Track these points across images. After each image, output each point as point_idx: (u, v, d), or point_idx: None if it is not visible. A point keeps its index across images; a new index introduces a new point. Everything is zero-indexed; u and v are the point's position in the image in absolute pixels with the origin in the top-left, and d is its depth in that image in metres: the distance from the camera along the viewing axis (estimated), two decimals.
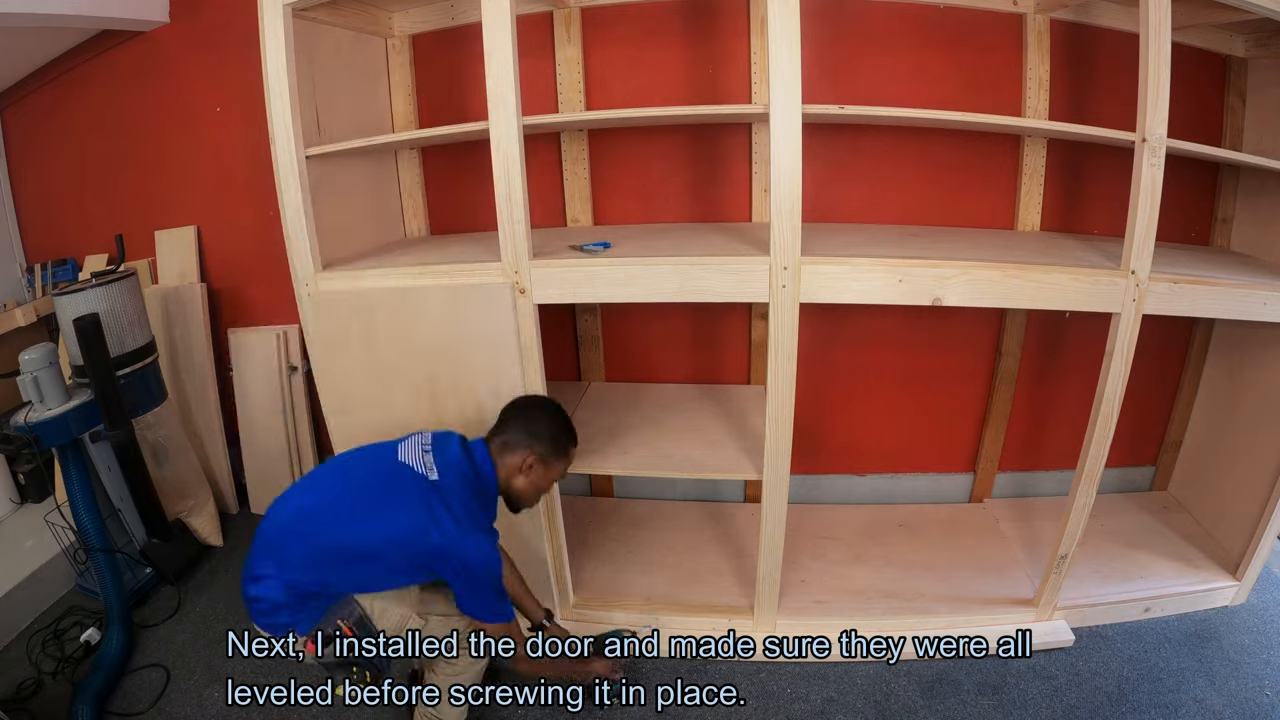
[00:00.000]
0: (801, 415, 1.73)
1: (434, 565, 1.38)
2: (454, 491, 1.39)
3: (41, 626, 2.15)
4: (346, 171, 2.02)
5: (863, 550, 2.28)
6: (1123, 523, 2.36)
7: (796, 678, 1.88)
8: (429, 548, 1.35)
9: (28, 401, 1.94)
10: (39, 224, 3.03)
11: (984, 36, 2.08)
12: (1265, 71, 2.05)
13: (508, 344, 1.71)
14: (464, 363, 1.77)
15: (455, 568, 1.37)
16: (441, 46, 2.22)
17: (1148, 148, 1.51)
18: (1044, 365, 2.41)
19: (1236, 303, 1.69)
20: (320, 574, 1.38)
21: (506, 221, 1.63)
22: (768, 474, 1.78)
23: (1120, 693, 1.80)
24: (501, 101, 1.55)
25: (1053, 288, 1.62)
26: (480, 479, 1.45)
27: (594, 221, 2.31)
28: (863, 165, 2.22)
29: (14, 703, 1.86)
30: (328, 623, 1.40)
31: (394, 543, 1.36)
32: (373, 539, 1.36)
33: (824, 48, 2.04)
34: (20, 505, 2.59)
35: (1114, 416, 1.72)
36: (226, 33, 2.32)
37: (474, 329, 1.72)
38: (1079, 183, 2.19)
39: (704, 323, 2.44)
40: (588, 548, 2.32)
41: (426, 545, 1.35)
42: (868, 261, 1.62)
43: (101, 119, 2.68)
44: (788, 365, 1.66)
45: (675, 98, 2.17)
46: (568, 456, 1.57)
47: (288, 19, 1.65)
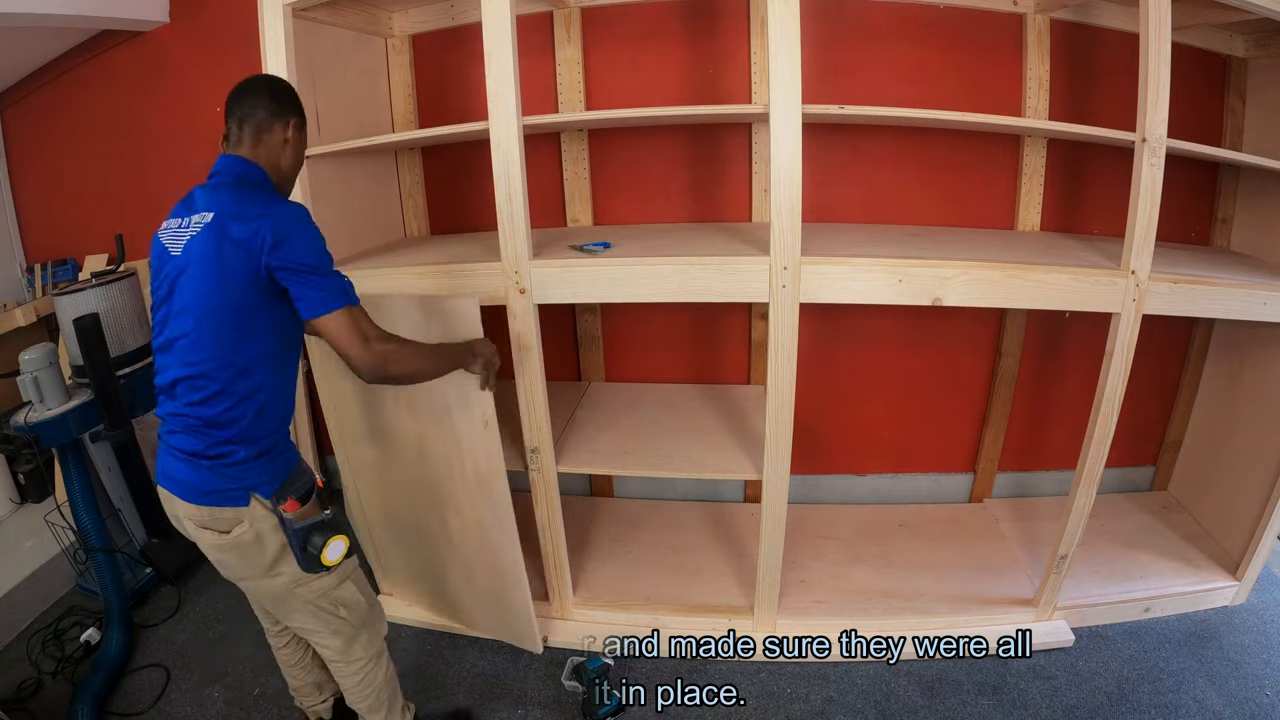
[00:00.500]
0: (801, 415, 1.73)
1: (269, 261, 1.18)
2: (235, 199, 1.23)
3: (41, 626, 2.15)
4: (347, 171, 2.02)
5: (863, 550, 2.28)
6: (1123, 523, 2.36)
7: (796, 678, 1.88)
8: (256, 243, 1.17)
9: (28, 401, 1.94)
10: (39, 224, 3.03)
11: (984, 36, 2.08)
12: (1265, 71, 2.05)
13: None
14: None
15: (288, 247, 1.18)
16: (441, 46, 2.22)
17: (1148, 148, 1.51)
18: (1044, 365, 2.41)
19: (1236, 303, 1.69)
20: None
21: (506, 221, 1.63)
22: (768, 474, 1.78)
23: (1120, 693, 1.80)
24: (501, 101, 1.55)
25: (1053, 288, 1.62)
26: (248, 182, 1.28)
27: (594, 221, 2.32)
28: (862, 165, 2.22)
29: (14, 703, 1.87)
30: (297, 478, 1.32)
31: (237, 276, 1.19)
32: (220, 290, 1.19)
33: (824, 48, 2.04)
34: (20, 505, 2.60)
35: (1114, 416, 1.72)
36: (226, 33, 2.33)
37: (447, 336, 1.62)
38: (1079, 183, 2.19)
39: (704, 323, 2.44)
40: (588, 548, 2.32)
41: (253, 243, 1.17)
42: (867, 261, 1.62)
43: (102, 119, 2.68)
44: (788, 365, 1.66)
45: (675, 98, 2.17)
46: (306, 121, 1.42)
47: (288, 19, 1.65)
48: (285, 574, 1.32)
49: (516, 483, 2.73)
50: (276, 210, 1.22)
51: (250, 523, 1.26)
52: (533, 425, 1.81)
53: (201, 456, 1.24)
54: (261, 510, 1.27)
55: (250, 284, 1.20)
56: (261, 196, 1.26)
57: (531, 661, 1.96)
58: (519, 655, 1.99)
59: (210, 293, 1.20)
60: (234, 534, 1.26)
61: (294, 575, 1.32)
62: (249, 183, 1.28)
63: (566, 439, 2.06)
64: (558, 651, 1.97)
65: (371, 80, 2.19)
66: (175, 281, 1.23)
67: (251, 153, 1.31)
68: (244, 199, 1.23)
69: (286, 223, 1.21)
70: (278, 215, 1.21)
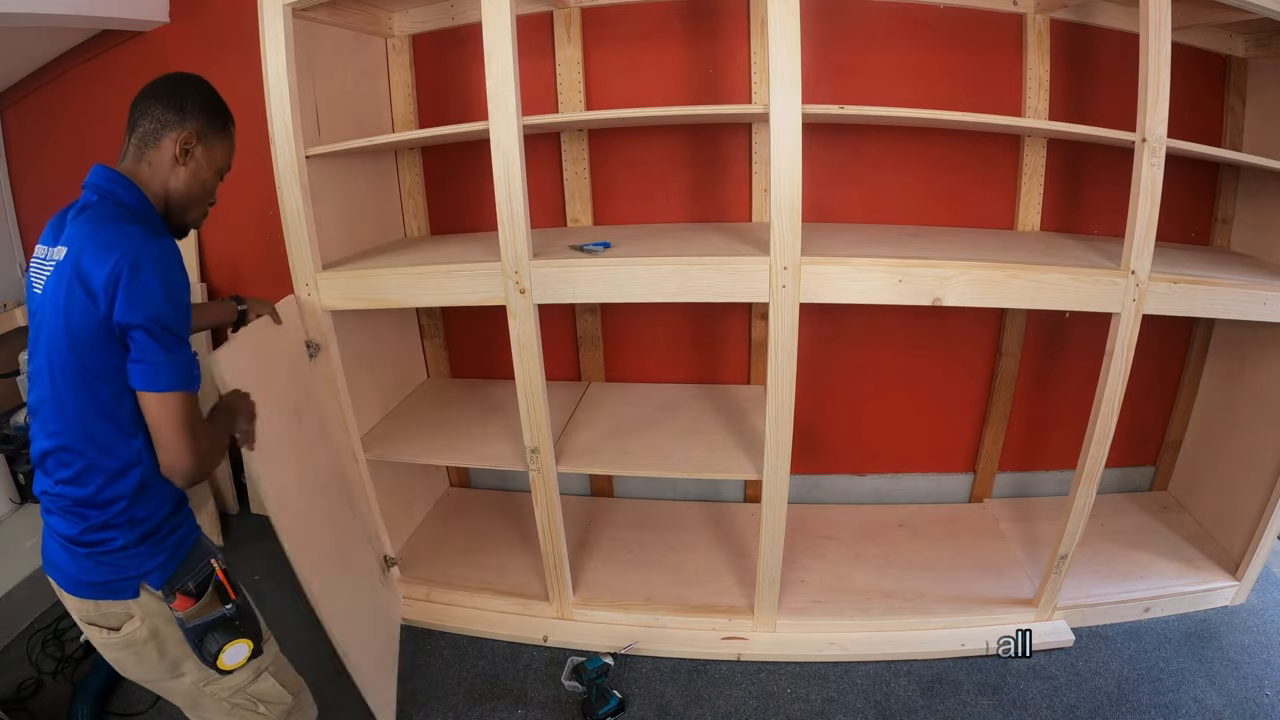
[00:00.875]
0: (801, 415, 1.73)
1: (119, 315, 0.97)
2: (92, 234, 1.00)
3: (41, 626, 2.15)
4: (347, 171, 2.02)
5: (863, 550, 2.28)
6: (1123, 523, 2.36)
7: (796, 678, 1.88)
8: (109, 290, 0.96)
9: None
10: (39, 224, 3.01)
11: (984, 36, 2.08)
12: (1265, 71, 2.05)
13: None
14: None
15: (141, 297, 0.97)
16: (441, 46, 2.22)
17: (1148, 148, 1.51)
18: (1044, 365, 2.41)
19: (1236, 303, 1.69)
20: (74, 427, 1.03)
21: (506, 221, 1.63)
22: (768, 474, 1.78)
23: (1120, 693, 1.80)
24: (501, 101, 1.55)
25: (1053, 288, 1.62)
26: (119, 206, 1.06)
27: (594, 221, 2.31)
28: (862, 165, 2.22)
29: (14, 703, 1.87)
30: (192, 566, 1.11)
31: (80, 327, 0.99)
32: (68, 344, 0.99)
33: (824, 48, 2.04)
34: (20, 505, 2.59)
35: (1114, 416, 1.72)
36: (226, 33, 2.32)
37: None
38: (1079, 183, 2.19)
39: (704, 323, 2.44)
40: (588, 548, 2.32)
41: (107, 290, 0.96)
42: (867, 261, 1.62)
43: (102, 119, 2.67)
44: (788, 365, 1.66)
45: (675, 98, 2.17)
46: (229, 133, 1.20)
47: (288, 19, 1.65)
48: (189, 673, 1.14)
49: (517, 483, 2.74)
50: (137, 247, 0.98)
51: (142, 617, 1.07)
52: (533, 425, 1.81)
53: (78, 543, 1.05)
54: (154, 603, 1.08)
55: (107, 338, 0.98)
56: (128, 229, 1.00)
57: (531, 661, 1.96)
58: (519, 655, 1.99)
59: (63, 349, 0.99)
60: (124, 631, 1.08)
61: (201, 674, 1.14)
62: (120, 206, 1.05)
63: (566, 439, 2.06)
64: (558, 651, 1.97)
65: (371, 80, 2.19)
66: (35, 331, 1.03)
67: (132, 168, 1.10)
68: (106, 230, 1.00)
69: (146, 265, 0.97)
70: (137, 253, 0.97)
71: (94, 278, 0.96)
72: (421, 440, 2.12)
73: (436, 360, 2.60)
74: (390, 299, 1.83)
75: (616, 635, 1.98)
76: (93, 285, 0.96)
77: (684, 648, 1.96)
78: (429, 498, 2.62)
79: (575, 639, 2.00)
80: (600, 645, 1.96)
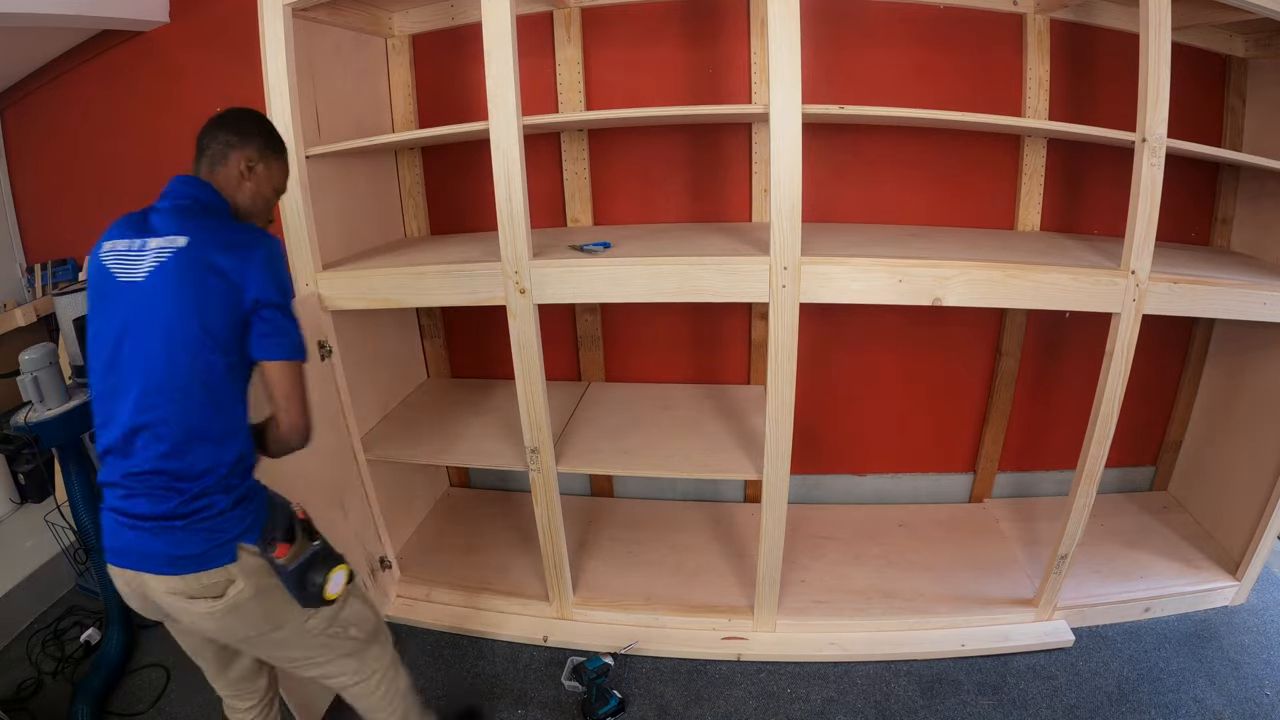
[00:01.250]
0: (801, 415, 1.73)
1: (257, 294, 1.12)
2: (211, 226, 1.16)
3: (41, 626, 2.15)
4: (347, 171, 2.02)
5: (863, 550, 2.28)
6: (1123, 523, 2.36)
7: (796, 678, 1.88)
8: (242, 275, 1.12)
9: (28, 401, 1.94)
10: (39, 224, 3.03)
11: (984, 36, 2.08)
12: (1265, 71, 2.05)
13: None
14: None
15: (274, 282, 1.14)
16: (441, 46, 2.22)
17: (1148, 148, 1.51)
18: (1044, 365, 2.41)
19: (1236, 303, 1.69)
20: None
21: (506, 221, 1.63)
22: (768, 474, 1.78)
23: (1120, 693, 1.80)
24: (501, 101, 1.55)
25: (1053, 288, 1.62)
26: (219, 211, 1.22)
27: (594, 221, 2.32)
28: (863, 165, 2.22)
29: (14, 703, 1.87)
30: (277, 516, 1.20)
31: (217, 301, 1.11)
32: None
33: (824, 48, 2.04)
34: (20, 505, 2.59)
35: (1114, 416, 1.72)
36: (226, 33, 2.32)
37: None
38: (1079, 183, 2.19)
39: (704, 323, 2.44)
40: (588, 548, 2.32)
41: (239, 274, 1.11)
42: (867, 261, 1.62)
43: (102, 119, 2.68)
44: (788, 365, 1.66)
45: (675, 98, 2.17)
46: (284, 158, 1.35)
47: (288, 19, 1.65)
48: (289, 620, 1.21)
49: (517, 483, 2.74)
50: (265, 240, 1.17)
51: (245, 577, 1.13)
52: (533, 425, 1.81)
53: (174, 516, 1.10)
54: (253, 560, 1.15)
55: (236, 317, 1.12)
56: (245, 225, 1.22)
57: (531, 661, 1.96)
58: (519, 655, 1.99)
59: (188, 326, 1.09)
60: (229, 596, 1.13)
61: (298, 615, 1.21)
62: (214, 211, 1.20)
63: (566, 439, 2.06)
64: (558, 651, 1.97)
65: (371, 80, 2.19)
66: (132, 314, 1.11)
67: (208, 178, 1.24)
68: (225, 226, 1.18)
69: (275, 256, 1.16)
70: (268, 246, 1.16)
71: (230, 262, 1.11)
72: (421, 440, 2.12)
73: (436, 360, 2.60)
74: (390, 299, 1.83)
75: (617, 635, 1.98)
76: (226, 267, 1.11)
77: (684, 648, 1.96)
78: (429, 498, 2.62)
79: (575, 639, 2.00)
80: (600, 645, 1.96)
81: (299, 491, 1.62)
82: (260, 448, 1.22)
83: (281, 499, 1.25)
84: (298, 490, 1.62)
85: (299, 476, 1.67)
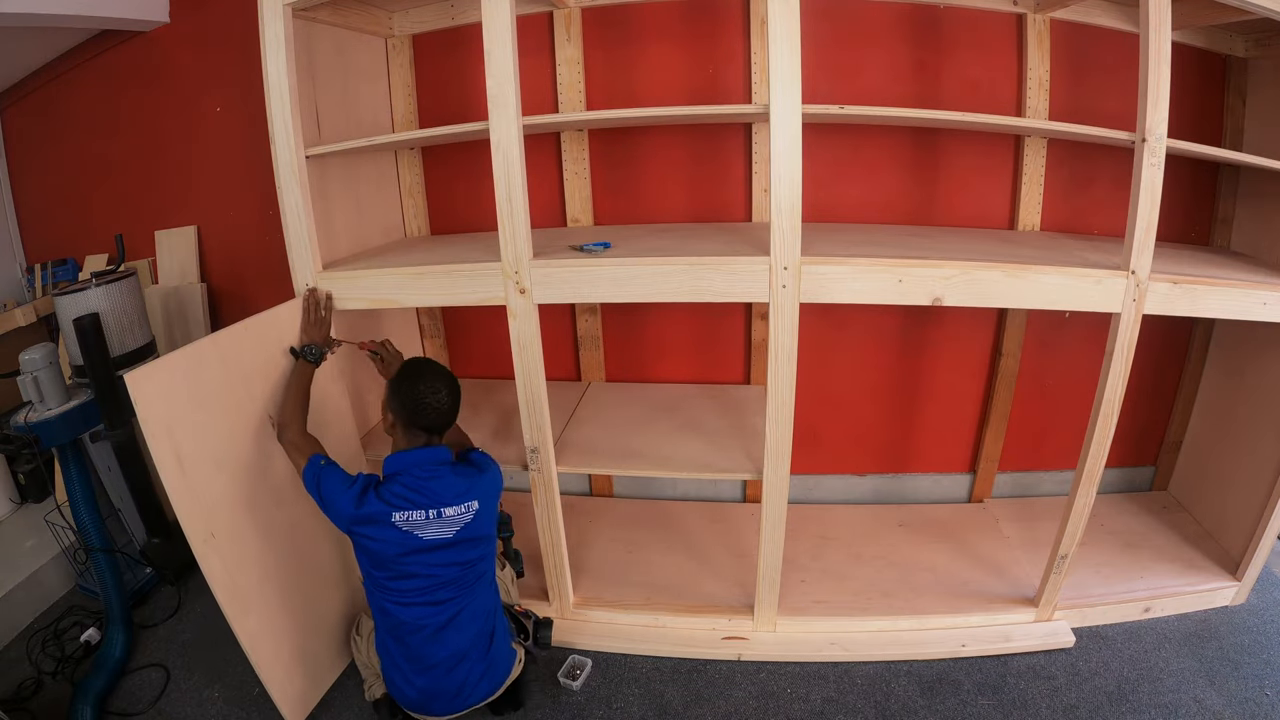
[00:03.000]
0: (801, 415, 1.73)
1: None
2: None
3: (41, 626, 2.15)
4: (347, 171, 2.02)
5: (863, 550, 2.28)
6: (1123, 523, 2.36)
7: (796, 678, 1.88)
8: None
9: (28, 401, 1.94)
10: (39, 224, 3.03)
11: (984, 36, 2.08)
12: (1265, 71, 2.05)
13: None
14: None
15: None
16: (441, 46, 2.22)
17: (1148, 148, 1.51)
18: (1044, 365, 2.41)
19: (1236, 303, 1.69)
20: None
21: (506, 221, 1.63)
22: (768, 474, 1.78)
23: (1120, 693, 1.80)
24: (501, 101, 1.55)
25: (1053, 288, 1.62)
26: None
27: (594, 221, 2.32)
28: (862, 165, 2.22)
29: (14, 703, 1.86)
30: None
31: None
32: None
33: (824, 48, 2.04)
34: (20, 505, 2.59)
35: (1114, 416, 1.71)
36: (226, 33, 2.32)
37: None
38: (1079, 183, 2.19)
39: (704, 323, 2.44)
40: (588, 548, 2.32)
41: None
42: (867, 261, 1.62)
43: (102, 119, 2.68)
44: (788, 365, 1.66)
45: (675, 97, 2.17)
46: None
47: (288, 19, 1.65)
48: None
49: (517, 482, 2.74)
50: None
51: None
52: (533, 425, 1.81)
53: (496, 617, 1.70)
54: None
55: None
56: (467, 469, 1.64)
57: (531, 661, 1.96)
58: None
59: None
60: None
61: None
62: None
63: (566, 439, 2.06)
64: (557, 651, 1.97)
65: (371, 80, 2.19)
66: (449, 554, 1.56)
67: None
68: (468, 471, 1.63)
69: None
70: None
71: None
72: None
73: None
74: (390, 299, 1.83)
75: (617, 635, 1.98)
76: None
77: (684, 648, 1.96)
78: None
79: (575, 639, 2.00)
80: (601, 645, 1.96)
81: (300, 490, 1.64)
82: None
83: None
84: (298, 489, 1.64)
85: (285, 483, 1.67)
